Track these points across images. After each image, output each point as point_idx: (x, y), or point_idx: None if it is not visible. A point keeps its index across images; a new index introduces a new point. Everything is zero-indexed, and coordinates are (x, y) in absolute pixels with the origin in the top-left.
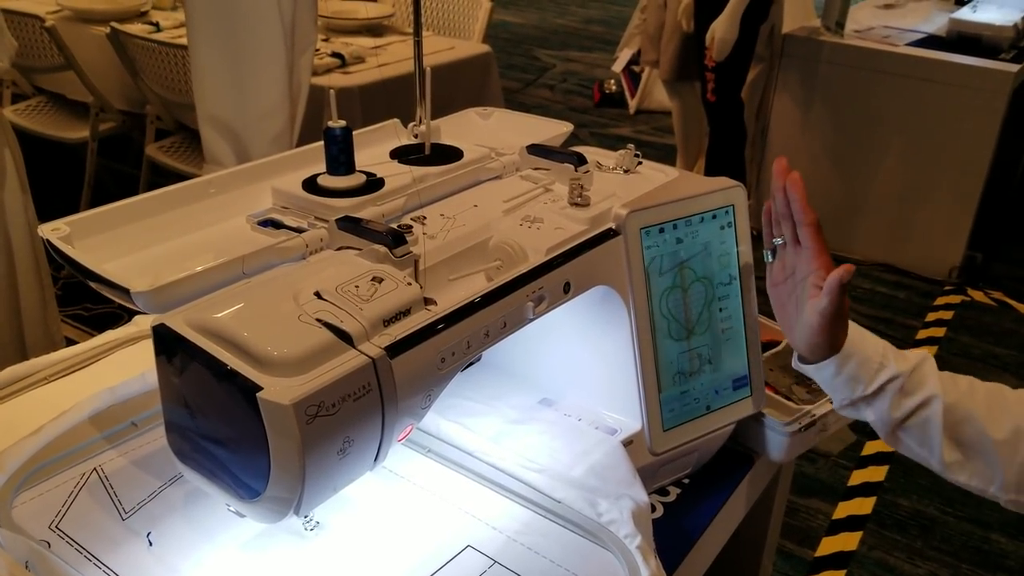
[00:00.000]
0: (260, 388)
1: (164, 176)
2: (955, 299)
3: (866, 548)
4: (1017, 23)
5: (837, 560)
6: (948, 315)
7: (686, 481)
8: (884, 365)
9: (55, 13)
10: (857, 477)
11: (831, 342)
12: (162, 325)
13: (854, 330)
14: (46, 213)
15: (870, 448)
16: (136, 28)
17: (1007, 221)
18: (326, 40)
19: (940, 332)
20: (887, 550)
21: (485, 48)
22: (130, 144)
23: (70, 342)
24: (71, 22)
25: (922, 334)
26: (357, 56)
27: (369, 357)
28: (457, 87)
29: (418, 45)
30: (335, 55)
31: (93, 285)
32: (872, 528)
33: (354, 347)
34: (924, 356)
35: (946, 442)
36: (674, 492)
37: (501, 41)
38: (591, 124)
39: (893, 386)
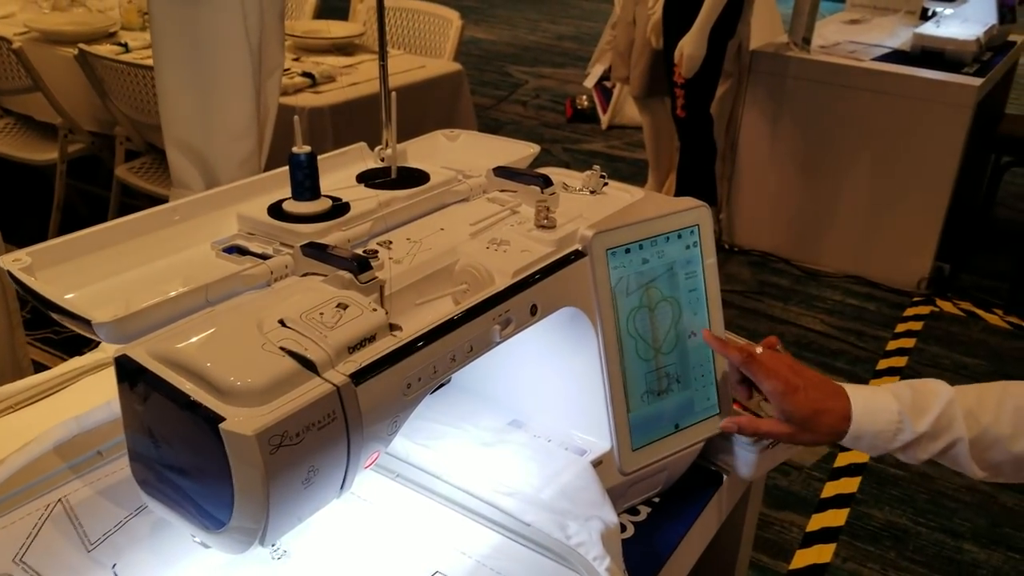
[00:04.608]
0: (222, 419)
1: (134, 197)
2: (924, 310)
3: (840, 560)
4: (979, 37)
5: (811, 573)
6: (917, 326)
7: (656, 500)
8: (900, 430)
9: (22, 35)
10: (830, 489)
11: (818, 440)
12: (124, 356)
13: (861, 404)
14: (15, 236)
15: (843, 460)
16: (105, 49)
17: (974, 232)
18: (296, 60)
19: (910, 343)
20: (860, 561)
21: (456, 66)
22: (100, 165)
23: (39, 366)
24: (38, 43)
25: (892, 345)
26: (327, 75)
27: (333, 385)
28: (428, 106)
29: (383, 69)
30: (305, 75)
31: (55, 316)
32: (845, 540)
33: (318, 375)
34: (947, 400)
35: (975, 466)
36: (644, 511)
37: (473, 58)
38: (564, 140)
39: (914, 443)
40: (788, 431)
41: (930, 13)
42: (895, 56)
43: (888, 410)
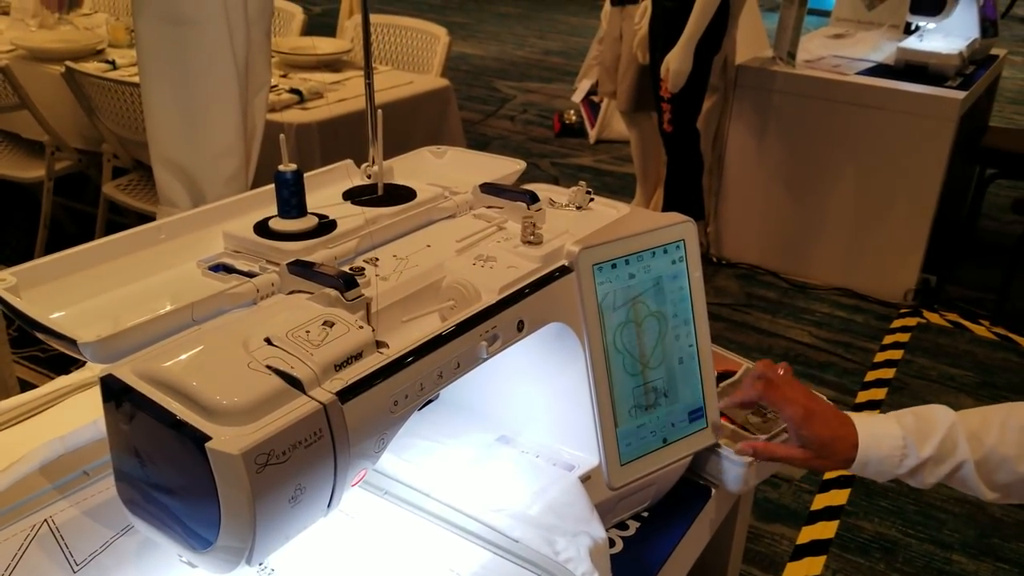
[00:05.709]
0: (209, 438)
1: (122, 214)
2: (911, 321)
3: (830, 572)
4: (962, 51)
5: None
6: (905, 337)
7: (645, 514)
8: (906, 455)
9: (9, 52)
10: (820, 501)
11: (830, 466)
12: (110, 376)
13: (866, 431)
14: (1, 253)
15: (832, 472)
16: (92, 66)
17: (959, 244)
18: (284, 76)
19: (897, 355)
20: (850, 574)
21: (444, 82)
22: (87, 183)
23: (25, 384)
24: (25, 61)
25: (880, 357)
26: (315, 92)
27: (320, 403)
28: (417, 121)
29: (369, 87)
30: (293, 91)
31: (40, 336)
32: (835, 552)
33: (305, 393)
34: (950, 424)
35: (984, 488)
36: (633, 526)
37: (461, 73)
38: (552, 154)
39: (920, 467)
40: (804, 456)
41: (913, 27)
42: (879, 70)
43: (892, 435)
